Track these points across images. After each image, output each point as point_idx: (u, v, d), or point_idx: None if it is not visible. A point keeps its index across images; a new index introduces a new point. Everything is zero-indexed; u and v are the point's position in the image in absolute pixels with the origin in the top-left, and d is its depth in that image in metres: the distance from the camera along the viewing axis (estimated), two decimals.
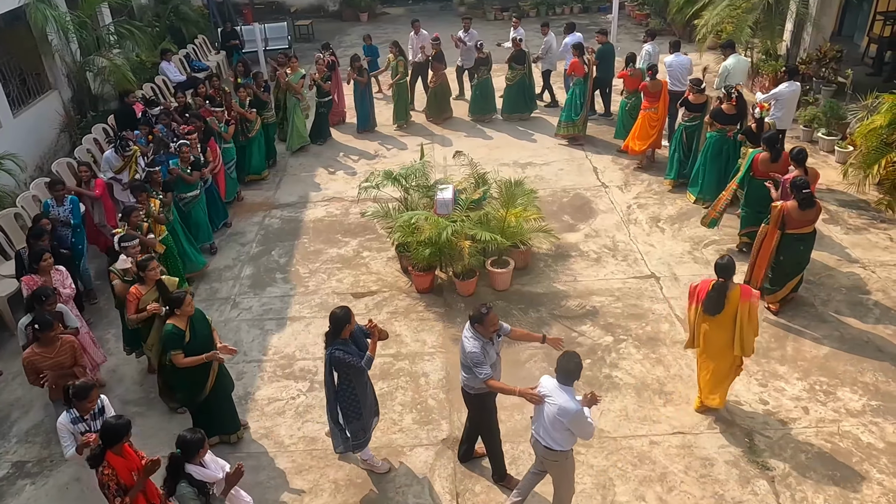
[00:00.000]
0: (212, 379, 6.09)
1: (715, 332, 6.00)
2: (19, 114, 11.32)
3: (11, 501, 6.09)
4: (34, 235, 7.29)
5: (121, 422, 4.74)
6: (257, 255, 9.57)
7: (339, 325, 5.46)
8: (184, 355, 5.84)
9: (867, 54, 14.29)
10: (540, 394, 5.06)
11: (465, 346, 5.38)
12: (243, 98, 11.19)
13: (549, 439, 5.01)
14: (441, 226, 7.92)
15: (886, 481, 5.75)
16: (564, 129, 12.28)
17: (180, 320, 5.86)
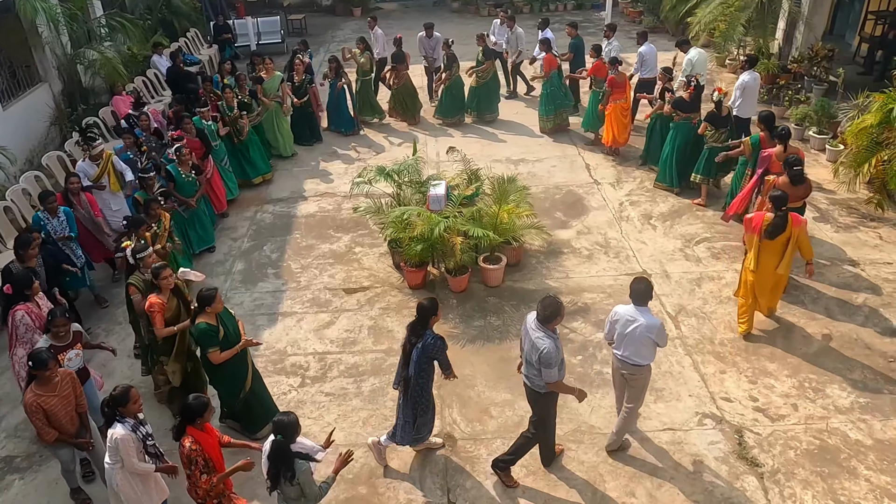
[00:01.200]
0: (251, 370, 6.10)
1: (766, 256, 6.99)
2: (9, 106, 11.24)
3: (0, 496, 6.06)
4: (22, 244, 6.90)
5: (198, 401, 4.80)
6: (249, 250, 9.54)
7: (427, 315, 5.48)
8: (220, 351, 5.78)
9: (858, 53, 14.37)
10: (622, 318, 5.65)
11: (538, 345, 5.25)
12: (230, 100, 10.76)
13: (638, 357, 5.69)
14: (433, 222, 7.91)
15: (874, 478, 5.80)
16: (553, 121, 12.43)
17: (210, 317, 5.77)
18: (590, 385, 6.90)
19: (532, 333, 5.35)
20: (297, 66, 12.33)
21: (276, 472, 4.56)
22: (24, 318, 6.18)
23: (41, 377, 5.22)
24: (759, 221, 6.95)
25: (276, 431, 4.60)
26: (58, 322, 5.72)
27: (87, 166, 8.79)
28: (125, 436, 4.81)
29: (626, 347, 5.70)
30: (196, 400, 4.83)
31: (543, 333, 5.29)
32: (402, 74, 12.94)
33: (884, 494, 5.65)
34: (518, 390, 6.84)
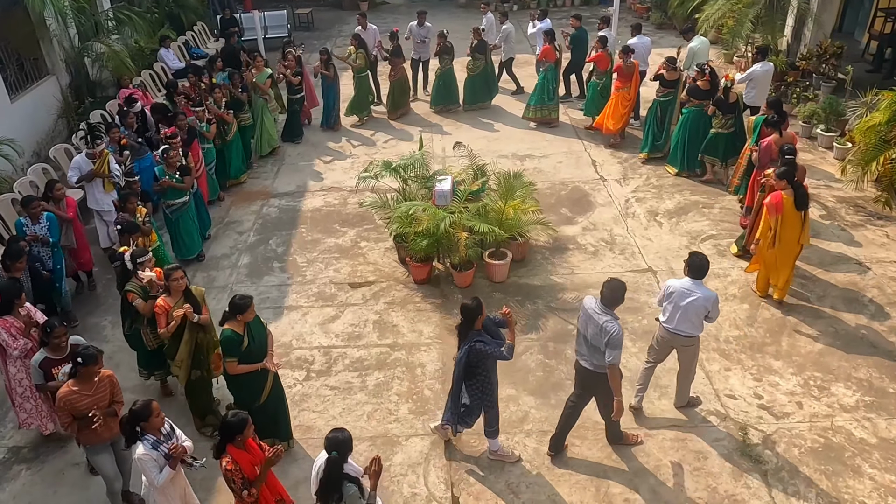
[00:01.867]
0: (269, 385, 5.87)
1: (786, 230, 7.27)
2: (17, 99, 11.26)
3: (7, 486, 6.11)
4: (11, 256, 6.67)
5: (236, 418, 4.62)
6: (255, 244, 9.56)
7: (473, 315, 5.44)
8: (238, 362, 5.61)
9: (867, 51, 14.29)
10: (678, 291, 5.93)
11: (608, 328, 5.34)
12: (219, 99, 10.54)
13: (690, 328, 6.00)
14: (439, 217, 7.92)
15: (878, 476, 5.79)
16: (534, 112, 12.57)
17: (238, 325, 5.60)
18: None
19: (598, 317, 5.44)
20: (289, 62, 12.14)
21: (325, 492, 4.42)
22: (1, 335, 5.88)
23: (85, 373, 5.09)
24: (780, 200, 7.18)
25: (332, 448, 4.40)
26: (57, 332, 5.51)
27: (84, 162, 8.62)
28: (143, 455, 4.71)
29: (681, 320, 5.98)
30: (235, 417, 4.64)
31: (610, 316, 5.42)
32: (399, 69, 12.97)
33: (888, 493, 5.64)
34: (522, 386, 6.87)
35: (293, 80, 12.10)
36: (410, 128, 12.90)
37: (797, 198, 7.20)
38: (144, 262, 6.49)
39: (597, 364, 5.58)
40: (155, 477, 4.74)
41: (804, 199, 7.25)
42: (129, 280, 6.45)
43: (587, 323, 5.55)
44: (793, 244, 7.42)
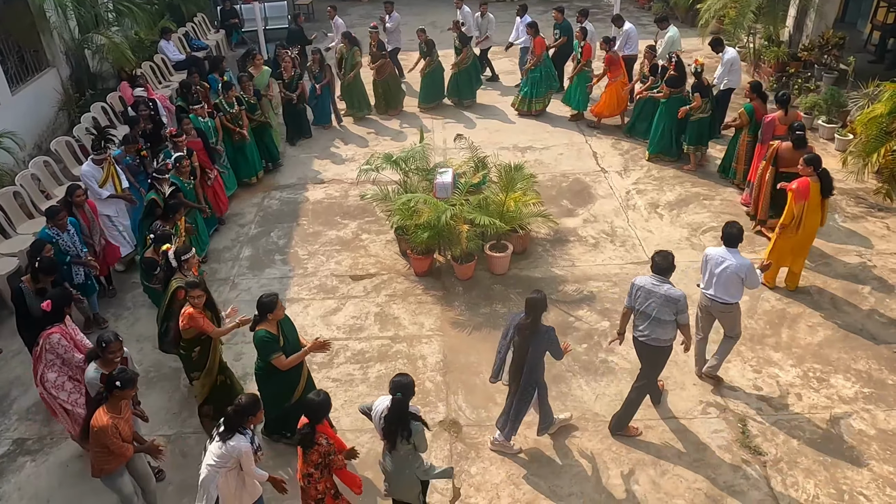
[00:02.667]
0: (303, 380, 5.92)
1: (810, 216, 7.38)
2: (17, 91, 11.25)
3: (12, 478, 6.16)
4: (45, 270, 6.32)
5: (321, 398, 4.74)
6: (256, 237, 9.58)
7: (540, 309, 5.55)
8: (285, 357, 5.60)
9: (870, 41, 14.23)
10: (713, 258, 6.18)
11: (673, 294, 5.61)
12: (229, 98, 10.28)
13: (726, 295, 6.19)
14: (440, 209, 7.93)
15: (876, 467, 5.83)
16: (529, 104, 12.66)
17: (271, 325, 5.59)
18: (594, 373, 6.94)
19: (658, 289, 5.68)
20: (285, 63, 11.71)
21: (393, 431, 4.69)
22: (62, 342, 5.78)
23: (117, 398, 4.92)
24: (807, 186, 7.28)
25: (396, 390, 4.67)
26: (113, 348, 5.29)
27: (94, 170, 8.32)
28: (248, 448, 4.69)
29: (717, 287, 6.21)
30: (319, 396, 4.74)
31: (668, 284, 5.70)
32: (387, 64, 12.81)
33: (886, 484, 5.68)
34: None
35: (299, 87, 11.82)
36: (411, 120, 12.88)
37: (823, 185, 7.33)
38: (189, 259, 6.36)
39: (657, 338, 5.79)
40: (256, 469, 4.78)
41: (829, 186, 7.38)
42: (171, 278, 6.30)
43: (647, 298, 5.73)
44: (814, 230, 7.57)
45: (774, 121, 8.82)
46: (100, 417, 4.87)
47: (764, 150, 8.75)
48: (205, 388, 6.14)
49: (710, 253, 6.26)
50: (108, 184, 8.35)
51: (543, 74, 12.46)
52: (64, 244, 7.23)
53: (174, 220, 7.40)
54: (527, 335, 5.56)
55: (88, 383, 5.33)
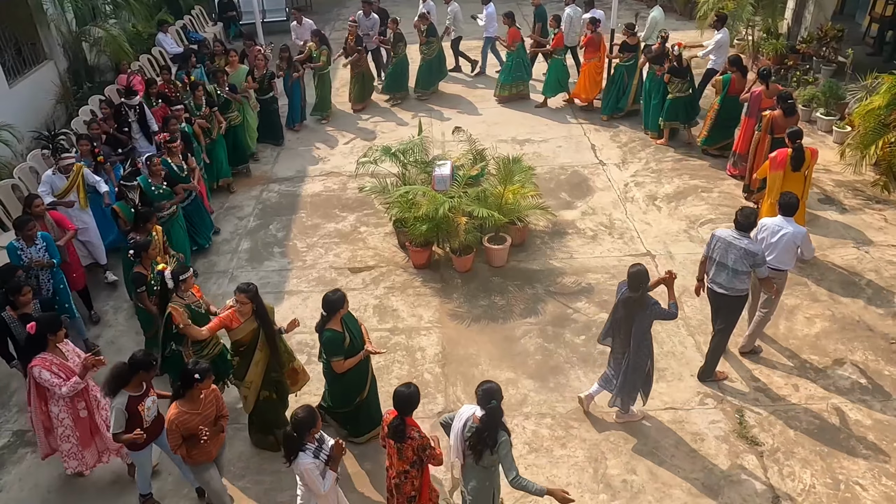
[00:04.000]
0: (369, 378, 5.87)
1: (790, 187, 7.57)
2: (15, 84, 11.24)
3: (13, 469, 6.19)
4: (12, 290, 5.98)
5: (411, 390, 4.67)
6: (255, 229, 9.59)
7: (644, 281, 5.72)
8: (344, 360, 5.55)
9: (868, 34, 14.20)
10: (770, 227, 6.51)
11: (752, 248, 6.07)
12: (198, 99, 9.88)
13: (780, 263, 6.53)
14: (438, 202, 7.94)
15: (872, 457, 5.87)
16: (508, 90, 12.90)
17: (336, 323, 5.51)
18: (592, 364, 6.97)
19: (738, 242, 6.10)
20: (257, 60, 11.38)
21: (483, 441, 4.51)
22: (43, 374, 5.31)
23: (194, 391, 4.85)
24: (784, 156, 7.71)
25: (490, 398, 4.51)
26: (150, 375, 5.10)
27: (56, 178, 7.85)
28: (309, 465, 4.56)
29: (773, 254, 6.47)
30: (408, 388, 4.67)
31: (748, 240, 6.13)
32: (361, 60, 12.76)
33: (882, 473, 5.72)
34: (521, 369, 6.94)
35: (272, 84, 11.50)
36: (409, 113, 12.87)
37: (794, 158, 7.70)
38: (187, 280, 5.98)
39: (734, 287, 6.21)
40: (321, 485, 4.60)
41: (799, 162, 7.70)
42: (169, 300, 5.95)
43: (727, 251, 6.15)
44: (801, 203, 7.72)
45: (761, 94, 9.29)
46: (171, 410, 4.86)
47: (751, 122, 9.37)
48: (248, 400, 5.94)
49: (766, 222, 6.60)
50: (72, 194, 7.86)
51: (514, 63, 12.75)
52: (28, 259, 6.76)
53: (146, 229, 6.92)
54: (632, 309, 5.72)
55: (114, 414, 4.99)
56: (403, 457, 4.72)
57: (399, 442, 4.68)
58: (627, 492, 5.72)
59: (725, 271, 6.19)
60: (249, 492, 5.87)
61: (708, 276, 6.40)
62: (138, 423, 5.06)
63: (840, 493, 5.59)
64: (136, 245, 6.56)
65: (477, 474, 4.74)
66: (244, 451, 6.25)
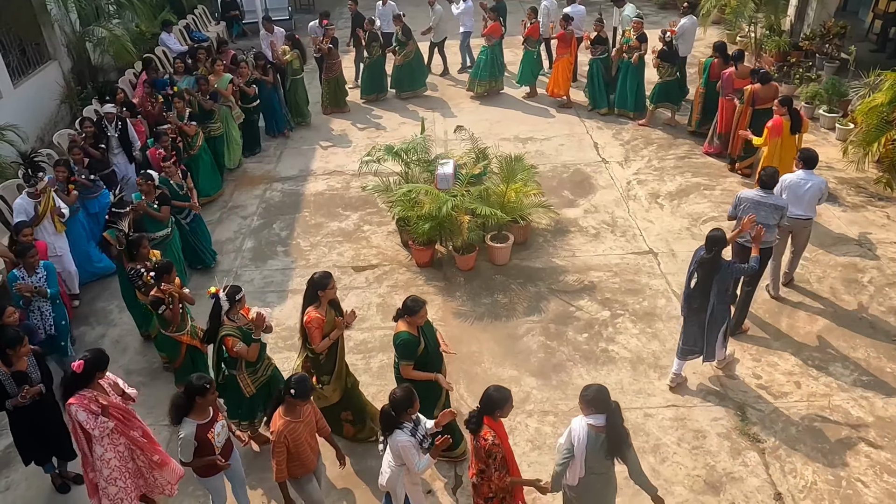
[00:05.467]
0: (442, 402, 5.72)
1: (786, 151, 8.31)
2: (19, 84, 11.30)
3: (20, 467, 6.21)
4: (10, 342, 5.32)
5: (500, 393, 4.57)
6: (258, 228, 9.63)
7: (721, 244, 6.02)
8: (413, 367, 5.44)
9: (871, 30, 14.19)
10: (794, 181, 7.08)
11: (779, 203, 6.72)
12: (181, 110, 9.57)
13: (809, 211, 7.19)
14: (441, 200, 7.97)
15: (874, 454, 5.89)
16: (484, 86, 13.11)
17: (412, 327, 5.42)
18: (595, 362, 7.00)
19: (767, 199, 6.71)
20: (242, 70, 11.14)
21: (620, 440, 4.50)
22: (79, 415, 4.95)
23: (293, 404, 4.74)
24: (779, 124, 8.29)
25: (605, 399, 4.49)
26: (212, 399, 4.88)
27: (27, 203, 7.44)
28: (406, 442, 4.58)
29: (801, 205, 7.10)
30: (498, 392, 4.58)
31: (774, 195, 6.77)
32: (338, 62, 12.71)
33: (883, 470, 5.74)
34: (524, 367, 6.97)
35: (249, 91, 11.19)
36: (413, 111, 12.90)
37: (793, 122, 8.27)
38: (241, 300, 5.69)
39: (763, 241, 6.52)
40: (417, 463, 4.63)
41: (798, 123, 8.33)
42: (220, 324, 5.66)
43: (756, 210, 6.64)
44: (789, 166, 7.99)
45: (731, 75, 9.95)
46: (275, 422, 4.72)
47: (726, 103, 10.06)
48: (336, 393, 5.90)
49: (788, 177, 7.16)
50: (46, 220, 7.49)
51: (489, 59, 12.89)
52: (25, 285, 6.42)
53: (142, 256, 6.67)
54: (709, 270, 6.01)
55: (184, 443, 4.80)
56: (478, 455, 4.63)
57: (473, 434, 4.61)
58: (630, 489, 5.72)
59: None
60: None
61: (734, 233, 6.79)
62: (209, 450, 4.89)
63: (842, 490, 5.61)
64: (158, 268, 6.27)
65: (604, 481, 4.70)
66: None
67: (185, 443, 4.77)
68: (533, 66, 12.91)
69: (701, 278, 6.11)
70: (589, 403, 4.51)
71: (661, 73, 11.31)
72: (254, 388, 5.83)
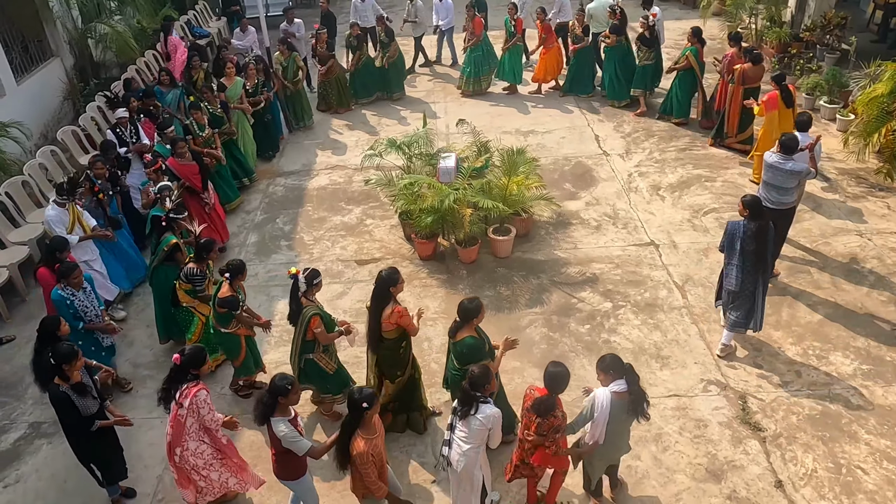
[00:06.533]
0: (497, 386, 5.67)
1: (784, 122, 8.88)
2: (22, 81, 11.34)
3: (29, 460, 6.33)
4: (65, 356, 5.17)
5: (559, 369, 4.88)
6: (262, 223, 9.69)
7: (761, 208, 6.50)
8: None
9: (872, 20, 14.17)
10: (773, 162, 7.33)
11: (797, 168, 7.13)
12: (200, 119, 9.30)
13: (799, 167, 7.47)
14: (443, 194, 8.02)
15: (874, 441, 5.95)
16: (473, 84, 13.11)
17: (472, 330, 5.48)
18: (597, 353, 6.99)
19: (785, 164, 7.14)
20: (250, 73, 10.78)
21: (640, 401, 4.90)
22: (207, 400, 5.15)
23: (368, 418, 4.72)
24: (775, 98, 8.98)
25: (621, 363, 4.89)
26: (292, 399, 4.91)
27: (61, 213, 7.37)
28: (498, 412, 4.78)
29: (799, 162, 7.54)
30: (558, 367, 4.87)
31: (793, 161, 7.18)
32: (334, 66, 12.57)
33: (883, 457, 5.81)
34: (526, 358, 7.03)
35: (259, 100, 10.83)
36: (414, 105, 12.93)
37: (785, 97, 8.95)
38: (319, 283, 5.95)
39: (783, 202, 7.33)
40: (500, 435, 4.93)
41: (790, 98, 9.00)
42: (301, 307, 5.86)
43: (774, 174, 7.20)
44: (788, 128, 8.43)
45: (732, 56, 10.29)
46: (358, 444, 4.69)
47: (725, 82, 10.42)
48: (398, 385, 6.00)
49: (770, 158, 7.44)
50: (77, 228, 7.42)
51: (484, 53, 12.93)
52: (81, 306, 6.34)
53: (208, 259, 6.76)
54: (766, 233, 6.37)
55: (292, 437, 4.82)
56: (541, 432, 4.89)
57: (543, 418, 4.83)
58: (632, 477, 5.82)
59: (776, 190, 7.26)
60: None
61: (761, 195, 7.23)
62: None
63: (842, 477, 5.68)
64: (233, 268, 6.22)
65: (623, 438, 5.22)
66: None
67: (293, 437, 4.79)
68: (517, 63, 12.98)
69: (759, 245, 6.37)
70: (607, 370, 4.90)
71: (640, 56, 11.72)
72: (334, 364, 6.17)
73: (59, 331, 5.65)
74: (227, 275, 6.18)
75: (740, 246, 6.43)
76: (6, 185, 8.88)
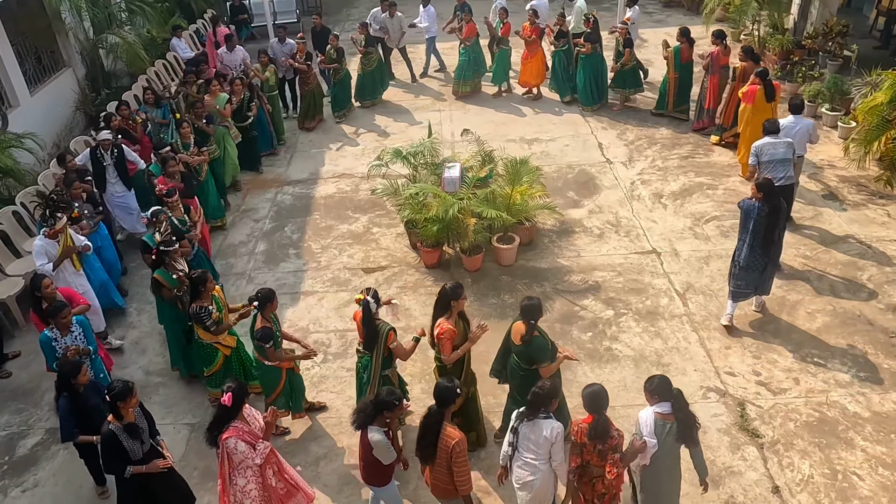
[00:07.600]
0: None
1: (762, 115, 9.05)
2: (36, 92, 11.59)
3: (47, 465, 6.52)
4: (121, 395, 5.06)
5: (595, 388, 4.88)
6: (270, 231, 9.87)
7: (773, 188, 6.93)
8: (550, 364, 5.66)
9: (875, 27, 14.25)
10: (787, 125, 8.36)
11: (786, 140, 7.89)
12: (186, 136, 9.29)
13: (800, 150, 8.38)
14: (448, 203, 8.17)
15: (870, 448, 6.07)
16: (469, 86, 13.45)
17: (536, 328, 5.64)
18: (599, 360, 7.20)
19: (777, 140, 7.88)
20: (235, 87, 10.74)
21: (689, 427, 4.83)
22: (239, 446, 4.98)
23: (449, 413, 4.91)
24: (754, 91, 9.36)
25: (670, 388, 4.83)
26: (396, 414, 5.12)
27: (47, 244, 7.10)
28: (560, 427, 4.86)
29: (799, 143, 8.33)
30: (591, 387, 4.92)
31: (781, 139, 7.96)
32: (312, 75, 12.59)
33: (878, 464, 5.92)
34: None
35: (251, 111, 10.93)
36: (420, 113, 13.07)
37: (767, 92, 9.32)
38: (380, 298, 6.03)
39: (790, 176, 7.99)
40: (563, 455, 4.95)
41: (772, 93, 9.38)
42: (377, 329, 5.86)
43: (775, 148, 7.88)
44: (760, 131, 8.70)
45: (718, 53, 10.79)
46: (453, 433, 4.81)
47: (715, 79, 10.91)
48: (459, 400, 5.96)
49: (784, 121, 8.36)
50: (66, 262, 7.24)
51: (472, 58, 13.21)
52: (63, 350, 6.07)
53: (207, 291, 6.38)
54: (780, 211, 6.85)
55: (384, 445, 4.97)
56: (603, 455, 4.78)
57: (603, 442, 4.75)
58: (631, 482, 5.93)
59: (781, 164, 7.85)
60: None
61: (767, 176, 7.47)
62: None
63: (838, 483, 5.80)
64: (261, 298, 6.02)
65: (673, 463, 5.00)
66: None
67: (384, 446, 4.94)
68: (507, 64, 13.29)
69: (772, 223, 6.85)
70: (653, 392, 4.88)
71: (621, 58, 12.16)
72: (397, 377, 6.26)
73: (76, 379, 5.55)
74: (255, 304, 6.04)
75: (753, 226, 6.92)
76: (21, 195, 9.09)
